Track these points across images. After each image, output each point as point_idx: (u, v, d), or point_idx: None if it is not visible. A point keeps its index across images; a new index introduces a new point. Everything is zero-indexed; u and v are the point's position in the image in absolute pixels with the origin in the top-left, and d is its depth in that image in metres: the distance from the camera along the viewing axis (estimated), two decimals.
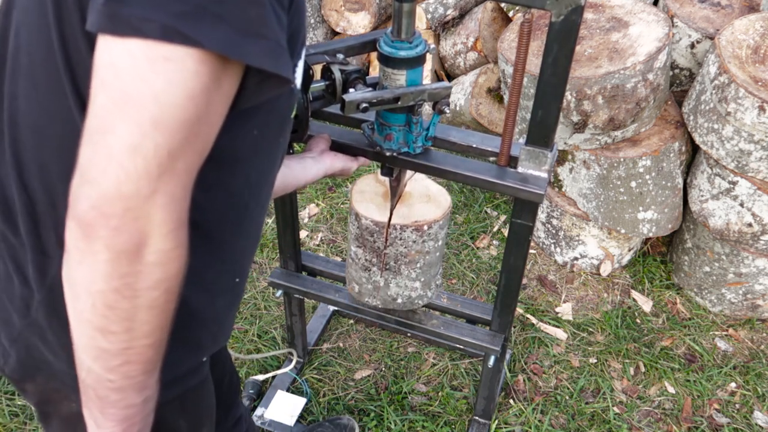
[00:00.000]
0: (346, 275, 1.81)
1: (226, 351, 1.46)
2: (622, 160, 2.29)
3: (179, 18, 0.62)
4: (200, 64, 0.64)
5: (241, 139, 0.83)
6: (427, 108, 2.90)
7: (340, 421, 2.04)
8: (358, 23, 3.29)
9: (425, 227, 1.56)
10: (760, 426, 2.14)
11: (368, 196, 1.62)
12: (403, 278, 1.66)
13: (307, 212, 2.88)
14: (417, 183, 1.65)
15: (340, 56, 1.32)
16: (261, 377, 2.17)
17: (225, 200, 0.87)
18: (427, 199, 1.62)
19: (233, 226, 0.90)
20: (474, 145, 1.47)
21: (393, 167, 1.53)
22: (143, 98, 0.62)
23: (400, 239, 1.58)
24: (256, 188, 0.91)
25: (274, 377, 2.20)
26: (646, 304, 2.52)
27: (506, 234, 2.36)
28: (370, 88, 1.29)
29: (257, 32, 0.67)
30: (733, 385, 2.26)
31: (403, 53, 1.28)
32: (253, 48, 0.66)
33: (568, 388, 2.23)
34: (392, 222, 1.56)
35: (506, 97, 2.60)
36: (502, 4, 3.01)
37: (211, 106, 0.67)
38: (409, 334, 2.36)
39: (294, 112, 1.26)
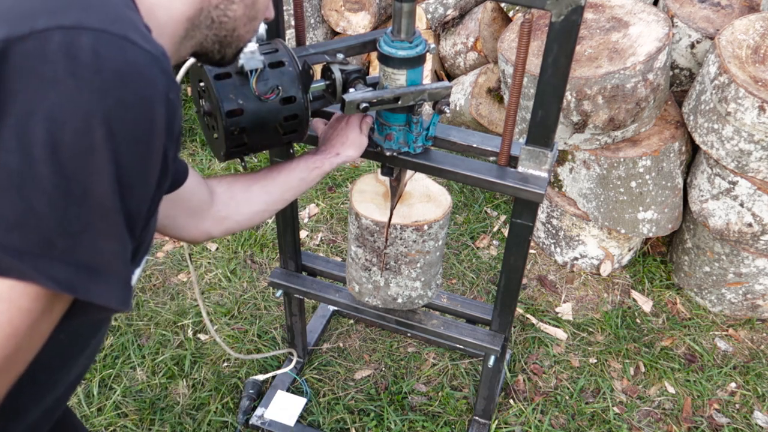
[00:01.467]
0: (346, 275, 1.81)
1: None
2: (622, 160, 2.29)
3: (20, 253, 0.59)
4: (34, 301, 0.61)
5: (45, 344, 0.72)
6: (427, 108, 2.90)
7: None
8: (358, 23, 3.29)
9: (425, 227, 1.56)
10: (760, 426, 2.14)
11: (368, 196, 1.62)
12: (404, 278, 1.66)
13: (307, 212, 2.88)
14: (417, 183, 1.65)
15: (340, 56, 1.32)
16: (261, 377, 2.17)
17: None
18: (427, 198, 1.62)
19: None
20: (474, 145, 1.47)
21: (393, 167, 1.53)
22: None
23: (401, 239, 1.58)
24: (52, 369, 0.85)
25: (274, 377, 2.20)
26: (646, 304, 2.52)
27: (506, 234, 2.36)
28: (370, 88, 1.29)
29: (106, 268, 0.64)
30: (733, 385, 2.26)
31: (403, 53, 1.28)
32: (99, 287, 0.64)
33: (568, 388, 2.23)
34: (392, 222, 1.56)
35: (506, 97, 2.60)
36: (502, 4, 3.01)
37: (36, 334, 0.64)
38: (409, 334, 2.36)
39: (293, 113, 1.27)
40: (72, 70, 0.61)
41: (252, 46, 1.28)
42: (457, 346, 2.25)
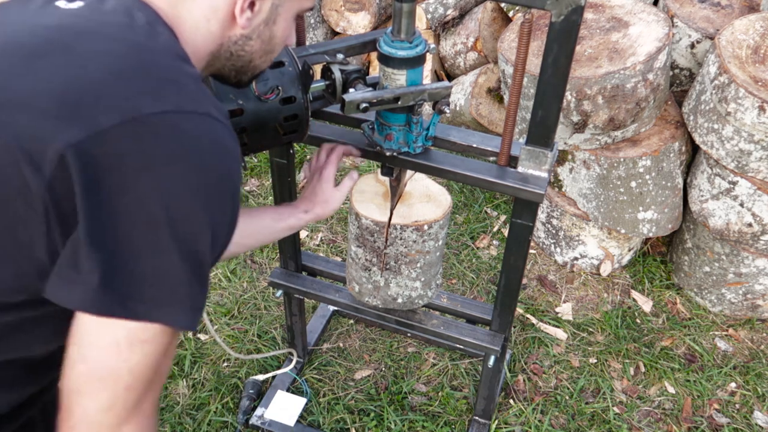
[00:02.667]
0: (347, 275, 1.81)
1: None
2: (622, 160, 2.29)
3: (156, 304, 0.75)
4: (169, 337, 0.77)
5: None
6: (427, 108, 2.90)
7: None
8: (358, 23, 3.29)
9: (425, 227, 1.56)
10: (760, 426, 2.14)
11: (368, 196, 1.62)
12: (404, 278, 1.66)
13: None
14: (417, 183, 1.65)
15: (340, 56, 1.32)
16: (261, 377, 2.17)
17: None
18: (427, 198, 1.62)
19: None
20: (474, 145, 1.47)
21: (393, 167, 1.53)
22: (120, 372, 0.75)
23: (401, 239, 1.57)
24: None
25: (274, 377, 2.20)
26: (646, 304, 2.52)
27: (506, 234, 2.36)
28: (370, 88, 1.29)
29: (200, 306, 0.80)
30: (733, 385, 2.26)
31: (403, 53, 1.28)
32: (196, 317, 0.79)
33: (568, 388, 2.23)
34: (392, 222, 1.56)
35: (506, 97, 2.60)
36: (502, 4, 3.01)
37: (169, 362, 0.81)
38: (409, 334, 2.36)
39: (293, 113, 1.27)
40: (179, 152, 0.74)
41: None
42: (457, 346, 2.25)
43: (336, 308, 2.42)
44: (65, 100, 0.73)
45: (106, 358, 0.74)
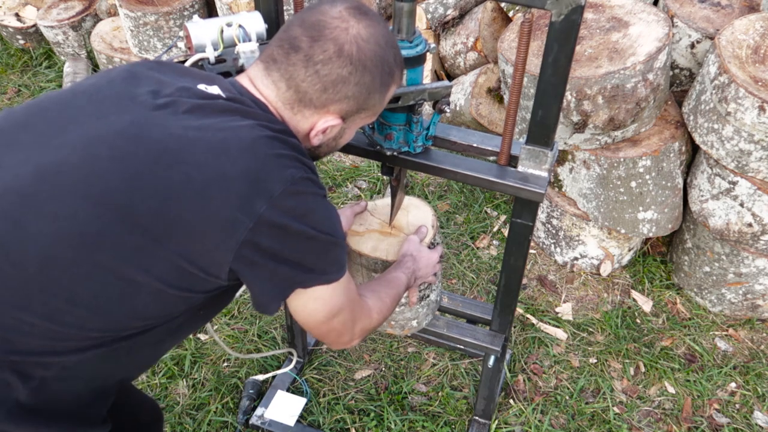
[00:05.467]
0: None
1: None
2: (622, 160, 2.29)
3: (325, 273, 1.15)
4: (338, 289, 1.19)
5: (186, 313, 1.15)
6: (427, 107, 2.90)
7: None
8: None
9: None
10: (760, 426, 2.14)
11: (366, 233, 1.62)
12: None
13: None
14: (411, 215, 1.66)
15: None
16: (261, 377, 2.17)
17: (152, 337, 1.16)
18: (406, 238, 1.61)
19: (147, 347, 1.21)
20: (474, 145, 1.47)
21: (393, 166, 1.53)
22: (340, 306, 1.20)
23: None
24: (177, 335, 1.25)
25: (274, 377, 2.20)
26: (646, 304, 2.52)
27: (506, 234, 2.36)
28: None
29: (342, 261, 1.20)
30: (733, 385, 2.26)
31: (403, 52, 1.28)
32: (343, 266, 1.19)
33: (568, 388, 2.23)
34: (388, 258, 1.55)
35: (506, 97, 2.60)
36: (502, 4, 3.01)
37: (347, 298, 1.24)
38: (409, 334, 2.36)
39: None
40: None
41: (252, 46, 1.28)
42: (458, 346, 2.25)
43: None
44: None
45: (324, 314, 1.19)
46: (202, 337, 2.35)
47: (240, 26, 1.30)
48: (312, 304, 1.17)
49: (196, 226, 1.02)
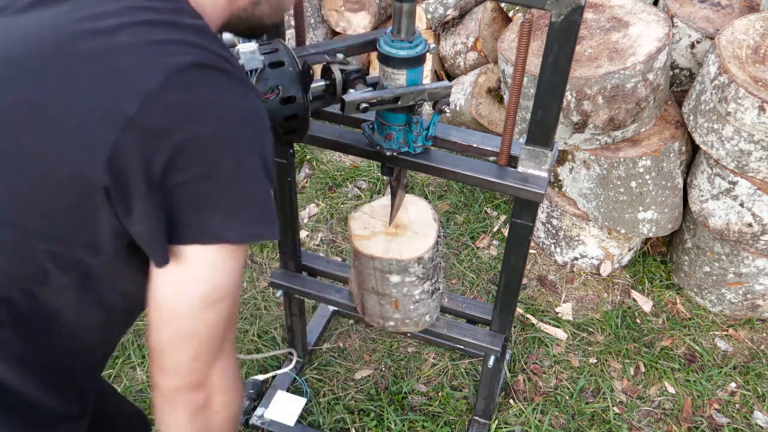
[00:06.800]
0: (349, 278, 1.81)
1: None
2: (622, 160, 2.29)
3: (240, 226, 0.86)
4: (243, 253, 0.89)
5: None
6: (427, 108, 2.90)
7: None
8: (358, 23, 3.29)
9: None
10: (760, 426, 2.14)
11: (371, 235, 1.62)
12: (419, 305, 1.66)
13: (307, 212, 2.88)
14: (413, 213, 1.66)
15: (340, 56, 1.32)
16: (261, 377, 2.17)
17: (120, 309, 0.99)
18: (413, 234, 1.61)
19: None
20: (474, 145, 1.47)
21: (393, 167, 1.53)
22: (200, 333, 0.87)
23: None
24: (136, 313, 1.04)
25: (274, 377, 2.20)
26: (646, 304, 2.52)
27: (506, 234, 2.36)
28: (370, 88, 1.29)
29: (272, 218, 0.88)
30: (733, 385, 2.26)
31: (403, 53, 1.28)
32: (272, 228, 0.88)
33: (568, 388, 2.23)
34: (389, 257, 1.55)
35: (506, 97, 2.60)
36: (502, 4, 3.01)
37: (239, 290, 0.91)
38: (409, 334, 2.36)
39: (292, 113, 1.27)
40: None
41: (252, 46, 1.28)
42: (458, 346, 2.25)
43: (336, 308, 2.41)
44: None
45: (184, 319, 0.89)
46: None
47: None
48: (187, 272, 0.83)
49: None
